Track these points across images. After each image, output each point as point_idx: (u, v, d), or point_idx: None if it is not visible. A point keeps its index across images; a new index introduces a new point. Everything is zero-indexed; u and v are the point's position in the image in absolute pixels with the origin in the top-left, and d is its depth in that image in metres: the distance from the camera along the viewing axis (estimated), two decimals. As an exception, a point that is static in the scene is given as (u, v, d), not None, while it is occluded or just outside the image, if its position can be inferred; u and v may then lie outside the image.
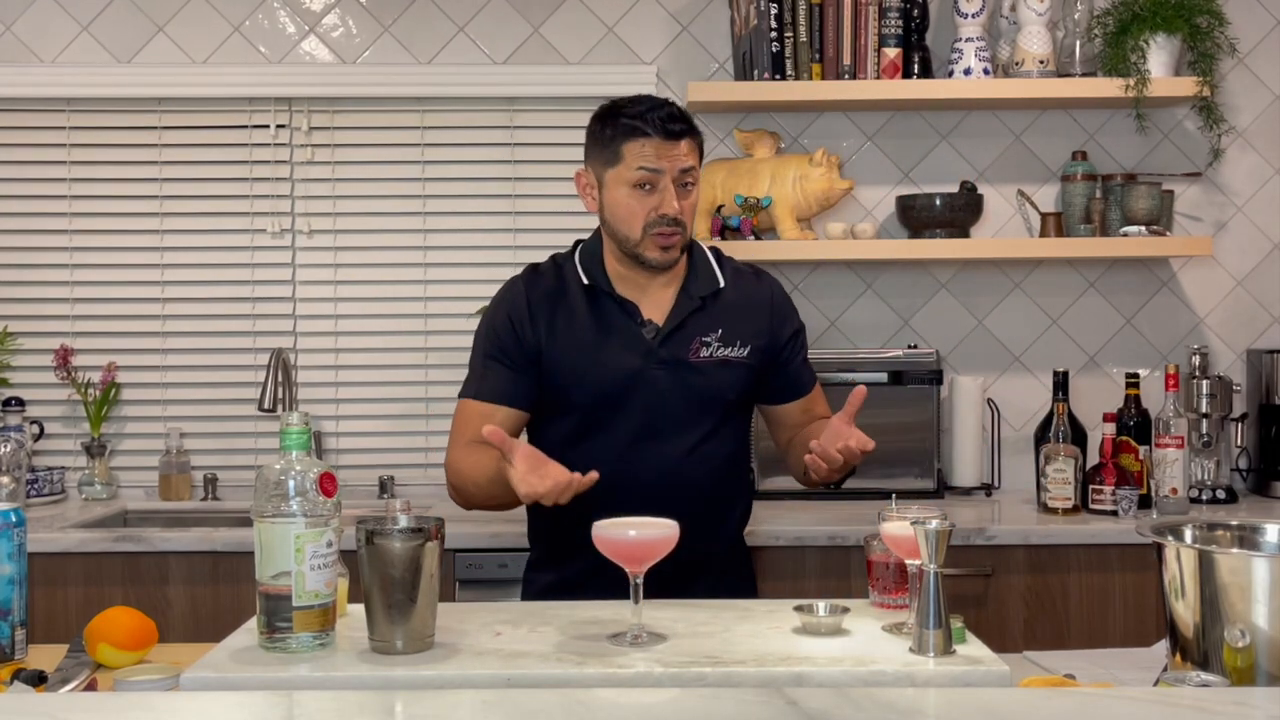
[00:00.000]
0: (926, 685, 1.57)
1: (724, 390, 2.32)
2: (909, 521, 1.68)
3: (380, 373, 3.63)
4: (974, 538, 2.96)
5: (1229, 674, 1.51)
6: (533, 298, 2.36)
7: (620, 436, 2.28)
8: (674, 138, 2.26)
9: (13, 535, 1.84)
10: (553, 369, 2.30)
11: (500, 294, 2.43)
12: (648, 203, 2.25)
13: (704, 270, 2.38)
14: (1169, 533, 1.69)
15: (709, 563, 2.29)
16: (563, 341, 2.31)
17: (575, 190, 2.45)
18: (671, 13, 3.58)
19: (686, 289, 2.34)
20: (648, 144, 2.25)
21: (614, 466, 2.16)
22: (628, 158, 2.27)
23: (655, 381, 2.29)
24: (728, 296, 2.37)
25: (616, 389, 2.28)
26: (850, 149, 3.58)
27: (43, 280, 3.59)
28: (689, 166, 2.28)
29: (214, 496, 3.51)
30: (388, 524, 1.66)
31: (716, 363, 2.31)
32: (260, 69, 3.56)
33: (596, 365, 2.29)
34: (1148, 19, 3.33)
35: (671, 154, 2.25)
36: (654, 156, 2.24)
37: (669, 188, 2.25)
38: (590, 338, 2.32)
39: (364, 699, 1.39)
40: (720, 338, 2.32)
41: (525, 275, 2.43)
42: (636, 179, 2.25)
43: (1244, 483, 3.53)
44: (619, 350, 2.30)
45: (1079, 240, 3.42)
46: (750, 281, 2.42)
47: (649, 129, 2.25)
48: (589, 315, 2.33)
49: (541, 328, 2.32)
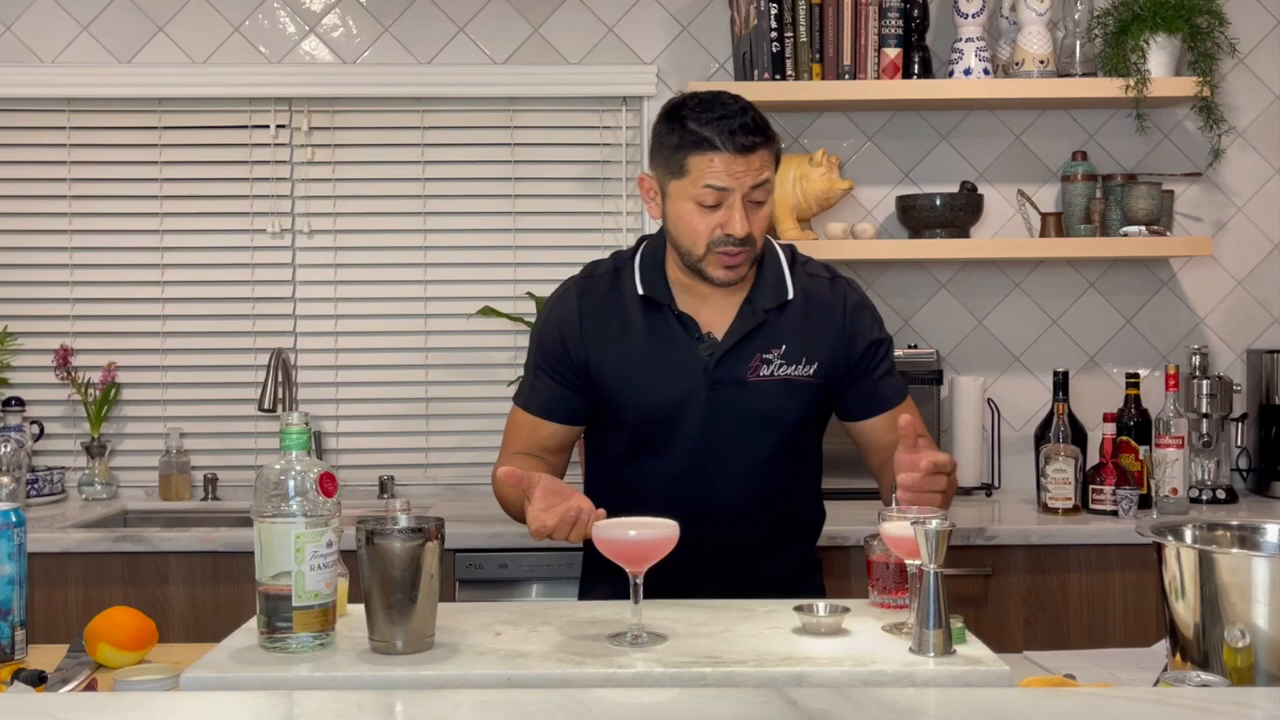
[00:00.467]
0: (926, 685, 1.57)
1: (785, 412, 2.15)
2: (909, 521, 1.68)
3: (380, 373, 3.63)
4: (974, 538, 2.96)
5: (1229, 674, 1.51)
6: (585, 308, 2.19)
7: (676, 456, 2.15)
8: (746, 152, 2.03)
9: (13, 535, 1.84)
10: (603, 384, 2.17)
11: (553, 300, 2.26)
12: (713, 220, 2.05)
13: (773, 278, 2.18)
14: (1169, 533, 1.69)
15: (780, 584, 2.14)
16: (613, 357, 2.17)
17: (576, 189, 2.37)
18: (671, 13, 3.58)
19: (751, 301, 2.15)
20: (716, 159, 2.03)
21: (671, 486, 2.10)
22: (693, 172, 2.05)
23: (710, 403, 2.13)
24: (795, 308, 2.17)
25: (667, 410, 2.14)
26: (850, 149, 3.58)
27: (43, 280, 3.59)
28: (762, 181, 2.06)
29: (214, 496, 3.51)
30: (388, 524, 1.66)
31: (778, 383, 2.14)
32: (260, 69, 3.56)
33: (647, 385, 2.15)
34: (1148, 19, 3.33)
35: (742, 170, 2.03)
36: (722, 174, 2.03)
37: (737, 205, 2.04)
38: (642, 354, 2.16)
39: (364, 699, 1.39)
40: (784, 354, 2.14)
41: (580, 281, 2.25)
42: (702, 197, 2.05)
43: (1244, 483, 3.53)
44: (671, 369, 2.15)
45: (1079, 240, 3.42)
46: (823, 289, 2.20)
47: (719, 143, 2.03)
48: (643, 328, 2.17)
49: (591, 341, 2.17)
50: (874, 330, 2.22)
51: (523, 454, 2.20)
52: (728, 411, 2.13)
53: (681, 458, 2.15)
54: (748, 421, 2.14)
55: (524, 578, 2.99)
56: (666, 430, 2.15)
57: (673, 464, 2.15)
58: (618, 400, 2.17)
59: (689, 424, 2.14)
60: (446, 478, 3.58)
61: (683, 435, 2.15)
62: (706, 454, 2.15)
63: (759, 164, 2.05)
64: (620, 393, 2.16)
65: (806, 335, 2.16)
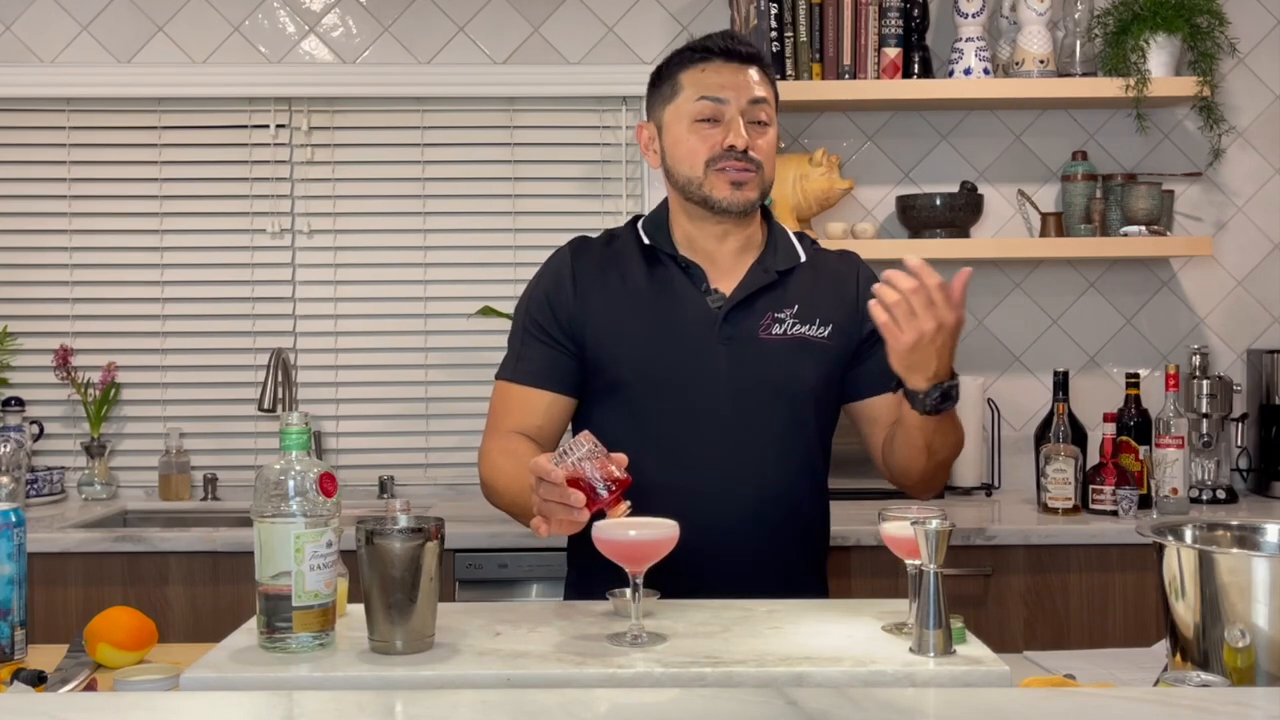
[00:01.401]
0: (926, 685, 1.57)
1: (800, 374, 2.02)
2: (909, 521, 1.68)
3: (380, 373, 3.63)
4: (974, 538, 2.96)
5: (1229, 674, 1.51)
6: (579, 265, 2.07)
7: (677, 433, 1.99)
8: (741, 61, 1.98)
9: (12, 535, 1.83)
10: (600, 342, 2.02)
11: (546, 264, 2.14)
12: (712, 137, 1.98)
13: (784, 244, 2.10)
14: (1169, 533, 1.69)
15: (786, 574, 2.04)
16: (611, 310, 2.03)
17: (576, 189, 2.32)
18: (671, 13, 3.58)
19: (762, 260, 2.06)
20: (708, 68, 1.98)
21: (669, 473, 1.93)
22: (688, 88, 1.99)
23: (719, 360, 1.99)
24: (807, 272, 2.08)
25: (672, 368, 1.99)
26: (850, 149, 3.58)
27: (43, 280, 3.60)
28: (760, 98, 1.98)
29: (214, 496, 3.51)
30: (388, 524, 1.65)
31: (792, 341, 2.02)
32: (260, 69, 3.56)
33: (650, 339, 2.00)
34: (1148, 19, 3.33)
35: (738, 81, 1.97)
36: (716, 84, 1.97)
37: (736, 118, 1.96)
38: (644, 305, 2.02)
39: (364, 699, 1.39)
40: (796, 314, 2.03)
41: (574, 243, 2.14)
42: (697, 111, 1.97)
43: (1244, 483, 3.53)
44: (677, 321, 2.01)
45: (1079, 240, 3.42)
46: (834, 258, 2.14)
47: (711, 51, 1.99)
48: (646, 280, 2.04)
49: (586, 297, 2.04)
50: None
51: (515, 433, 2.04)
52: (739, 372, 1.99)
53: (684, 435, 1.99)
54: (760, 384, 1.99)
55: (524, 578, 2.99)
56: (669, 396, 2.00)
57: (673, 442, 1.98)
58: (616, 360, 2.02)
59: (694, 386, 2.00)
60: (446, 478, 3.58)
61: (687, 403, 2.00)
62: (712, 422, 2.00)
63: (757, 78, 1.99)
64: (618, 348, 2.02)
65: (819, 298, 2.06)
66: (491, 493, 2.07)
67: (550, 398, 2.06)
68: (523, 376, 2.07)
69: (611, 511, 1.74)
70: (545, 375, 2.06)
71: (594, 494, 1.73)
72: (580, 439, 1.76)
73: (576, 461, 1.73)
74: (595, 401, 2.07)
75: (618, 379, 2.03)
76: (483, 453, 2.08)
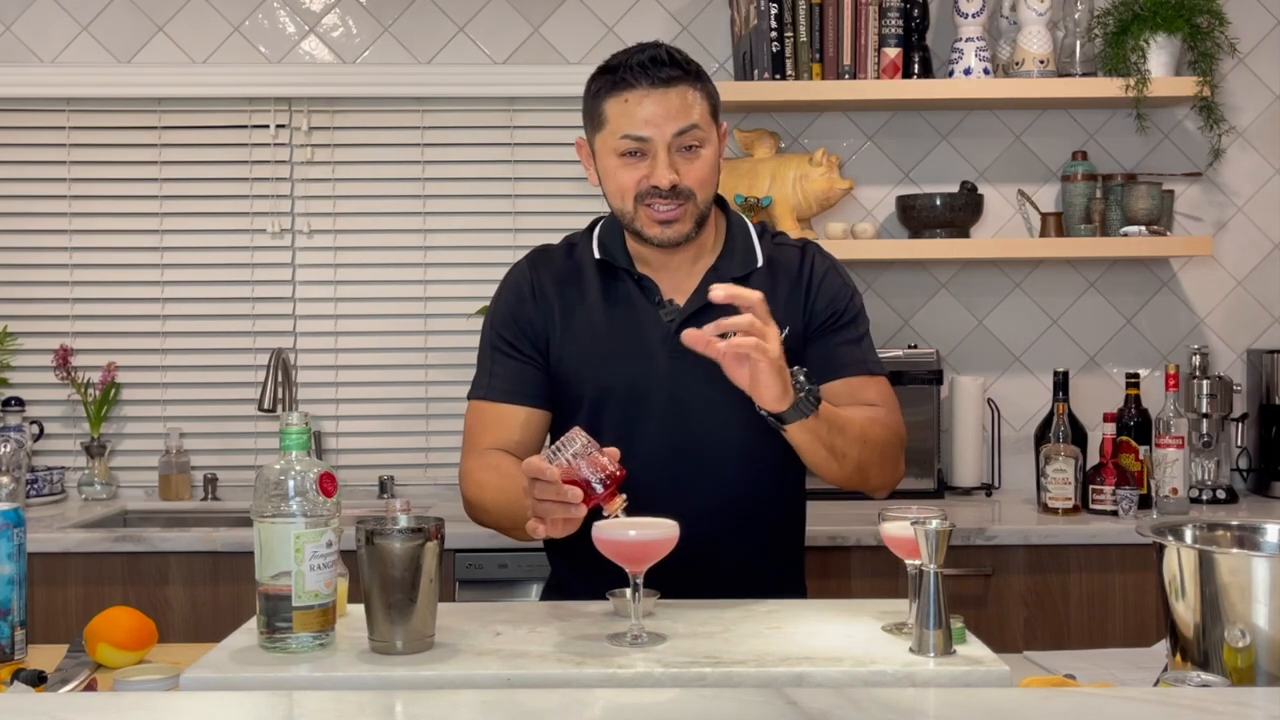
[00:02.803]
0: (926, 685, 1.57)
1: None
2: (909, 521, 1.68)
3: (380, 373, 3.63)
4: (974, 538, 2.96)
5: (1229, 674, 1.51)
6: (538, 279, 2.06)
7: (637, 441, 1.93)
8: (662, 85, 1.88)
9: (13, 535, 1.83)
10: (561, 357, 2.02)
11: (505, 279, 2.13)
12: (638, 171, 1.92)
13: (742, 246, 2.05)
14: (1169, 533, 1.69)
15: (763, 581, 2.02)
16: (571, 327, 2.02)
17: (576, 189, 2.30)
18: (671, 13, 3.58)
19: (717, 268, 2.02)
20: (630, 97, 1.89)
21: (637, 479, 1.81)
22: (611, 121, 1.93)
23: (673, 374, 1.97)
24: (762, 276, 2.02)
25: (627, 383, 1.99)
26: (850, 149, 3.58)
27: (43, 280, 3.60)
28: (688, 126, 1.90)
29: (214, 496, 3.51)
30: (388, 524, 1.65)
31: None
32: (260, 69, 3.56)
33: (606, 354, 1.99)
34: (1148, 19, 3.33)
35: (660, 115, 1.88)
36: (640, 119, 1.89)
37: (660, 153, 1.89)
38: (601, 322, 2.01)
39: (364, 699, 1.39)
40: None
41: (532, 255, 2.13)
42: (622, 147, 1.91)
43: (1244, 483, 3.53)
44: (631, 337, 2.00)
45: (1079, 240, 3.42)
46: (791, 256, 2.07)
47: (631, 78, 1.89)
48: (600, 296, 2.03)
49: (548, 311, 2.03)
50: (842, 295, 2.05)
51: (493, 450, 2.02)
52: (692, 384, 1.95)
53: (644, 443, 1.95)
54: (717, 394, 1.87)
55: (524, 578, 2.98)
56: (627, 407, 1.98)
57: (636, 458, 1.86)
58: (577, 373, 2.01)
59: (651, 400, 1.98)
60: (446, 478, 3.58)
61: (645, 414, 1.98)
62: (671, 439, 1.98)
63: (680, 104, 1.89)
64: (579, 366, 2.00)
65: (775, 301, 1.92)
66: (479, 510, 2.06)
67: (526, 412, 2.05)
68: (496, 394, 2.05)
69: (608, 507, 1.73)
70: (518, 390, 2.05)
71: (590, 490, 1.72)
72: (572, 434, 1.74)
73: (571, 458, 1.72)
74: (563, 416, 2.05)
75: (579, 395, 2.03)
76: (464, 473, 2.07)
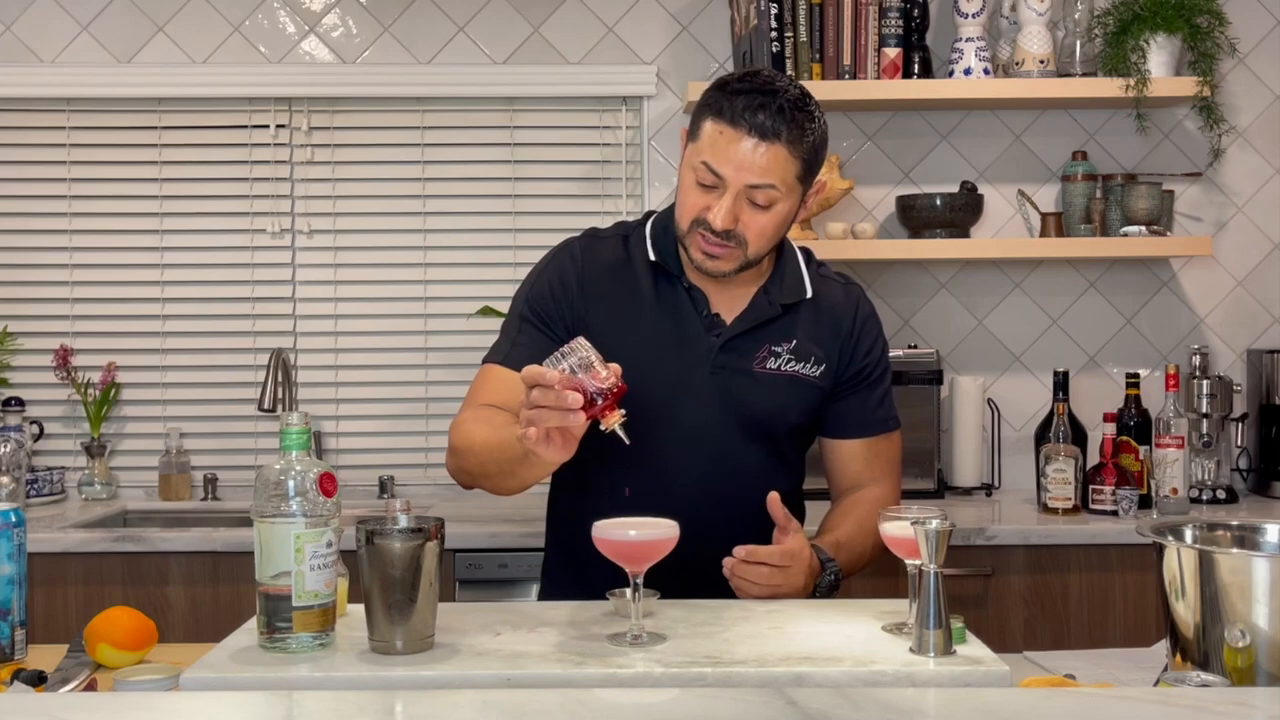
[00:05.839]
0: (926, 685, 1.57)
1: (788, 410, 2.03)
2: (909, 521, 1.68)
3: (380, 373, 3.63)
4: (974, 538, 2.96)
5: (1229, 674, 1.51)
6: (588, 265, 2.04)
7: (659, 453, 1.94)
8: (759, 137, 1.86)
9: (13, 535, 1.83)
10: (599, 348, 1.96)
11: (552, 253, 2.08)
12: (705, 199, 1.91)
13: (792, 275, 2.06)
14: (1169, 533, 1.69)
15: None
16: (615, 322, 1.99)
17: (576, 189, 2.26)
18: (671, 13, 3.58)
19: (767, 291, 2.04)
20: (726, 134, 1.87)
21: (650, 481, 1.92)
22: (702, 138, 1.91)
23: (709, 387, 1.99)
24: (809, 308, 2.06)
25: (662, 391, 1.96)
26: (850, 149, 3.58)
27: (43, 280, 3.60)
28: (763, 185, 1.89)
29: (214, 496, 3.51)
30: (388, 524, 1.65)
31: (784, 378, 2.01)
32: (260, 69, 3.56)
33: (645, 359, 1.95)
34: (1148, 19, 3.33)
35: (746, 159, 1.87)
36: (723, 155, 1.88)
37: (729, 195, 1.89)
38: (647, 325, 2.00)
39: (364, 699, 1.39)
40: (793, 350, 2.02)
41: (584, 239, 2.09)
42: (699, 172, 1.91)
43: (1244, 483, 3.53)
44: (674, 346, 1.99)
45: (1079, 240, 3.42)
46: (837, 292, 2.10)
47: (734, 114, 1.87)
48: (650, 298, 2.01)
49: (592, 300, 2.01)
50: (877, 349, 2.12)
51: (490, 409, 1.96)
52: (726, 404, 1.99)
53: (663, 454, 1.97)
54: (746, 416, 1.99)
55: (524, 578, 2.98)
56: (654, 415, 1.93)
57: (651, 461, 1.93)
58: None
59: (683, 413, 1.98)
60: (446, 478, 3.56)
61: (672, 426, 1.98)
62: (694, 450, 1.99)
63: (767, 161, 1.88)
64: (619, 358, 1.86)
65: (817, 336, 2.05)
66: (464, 455, 1.97)
67: None
68: (514, 362, 1.96)
69: (605, 420, 1.70)
70: (537, 362, 1.98)
71: (589, 400, 1.68)
72: (576, 343, 1.70)
73: (572, 367, 1.68)
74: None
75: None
76: (455, 424, 2.01)
